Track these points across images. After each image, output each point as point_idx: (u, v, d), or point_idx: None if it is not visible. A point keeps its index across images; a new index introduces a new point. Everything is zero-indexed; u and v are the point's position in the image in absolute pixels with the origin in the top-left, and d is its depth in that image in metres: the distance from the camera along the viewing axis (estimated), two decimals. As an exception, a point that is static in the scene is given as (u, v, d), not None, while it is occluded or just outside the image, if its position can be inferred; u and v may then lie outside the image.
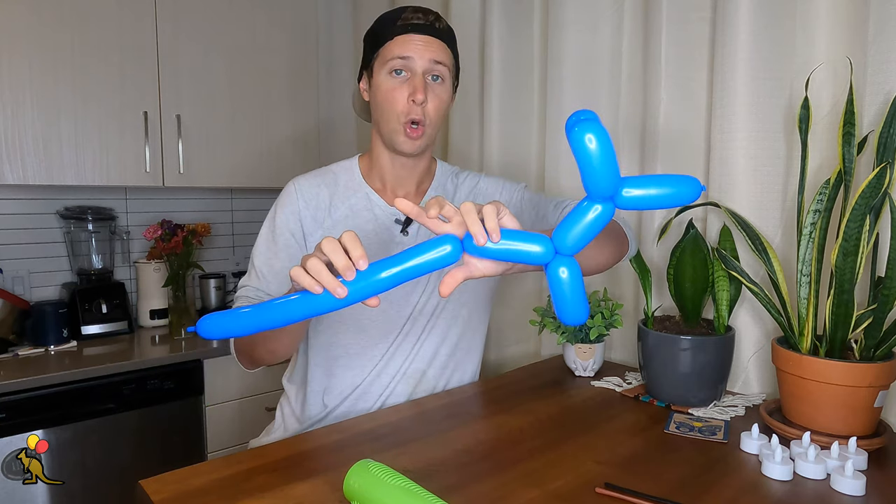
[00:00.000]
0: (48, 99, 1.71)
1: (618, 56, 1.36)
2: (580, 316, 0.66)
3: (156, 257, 2.05)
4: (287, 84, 2.18)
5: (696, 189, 0.62)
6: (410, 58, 0.95)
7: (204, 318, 0.65)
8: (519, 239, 0.63)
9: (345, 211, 1.05)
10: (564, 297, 0.64)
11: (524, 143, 1.59)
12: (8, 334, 1.77)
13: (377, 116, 1.01)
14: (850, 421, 0.85)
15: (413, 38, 0.96)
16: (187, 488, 0.73)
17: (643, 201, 0.62)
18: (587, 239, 0.63)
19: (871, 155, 0.90)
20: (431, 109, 0.97)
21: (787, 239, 1.10)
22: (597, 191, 0.60)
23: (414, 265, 0.63)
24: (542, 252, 0.63)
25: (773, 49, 1.08)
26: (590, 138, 0.57)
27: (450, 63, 0.99)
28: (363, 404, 1.06)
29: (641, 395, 1.08)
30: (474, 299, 1.11)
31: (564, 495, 0.72)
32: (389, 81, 0.97)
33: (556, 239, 0.63)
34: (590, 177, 0.60)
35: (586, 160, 0.58)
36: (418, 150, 1.00)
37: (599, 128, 0.58)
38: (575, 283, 0.64)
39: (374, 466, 0.67)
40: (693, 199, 0.62)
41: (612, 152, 0.58)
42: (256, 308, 0.65)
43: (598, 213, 0.62)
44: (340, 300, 0.63)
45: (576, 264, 0.64)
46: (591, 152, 0.58)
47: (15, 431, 1.50)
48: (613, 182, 0.60)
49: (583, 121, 0.58)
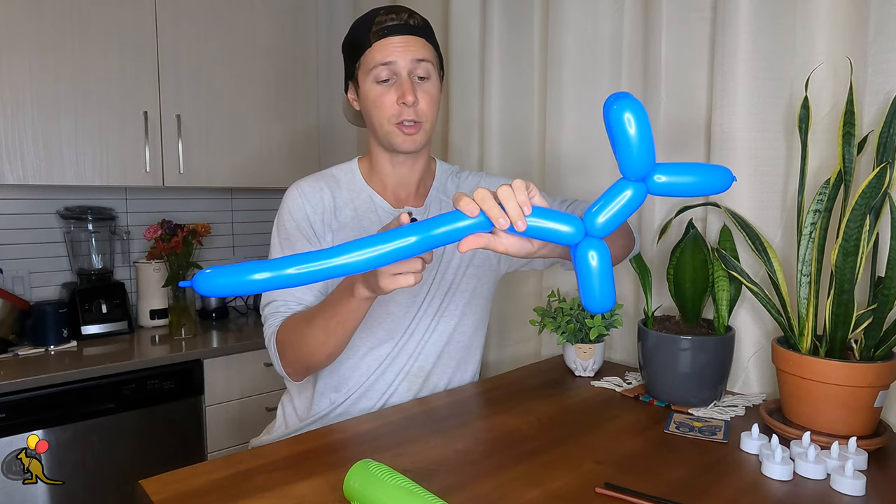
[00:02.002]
0: (48, 99, 1.71)
1: (618, 56, 1.36)
2: (607, 302, 0.64)
3: (156, 257, 2.05)
4: (287, 84, 2.18)
5: (728, 179, 0.62)
6: (393, 62, 0.95)
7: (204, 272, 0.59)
8: (549, 217, 0.63)
9: (349, 213, 1.05)
10: (592, 281, 0.63)
11: (524, 144, 1.59)
12: (8, 334, 1.77)
13: (371, 122, 1.01)
14: (850, 421, 0.85)
15: (391, 41, 0.95)
16: (187, 488, 0.73)
17: (675, 188, 0.62)
18: (619, 221, 0.63)
19: (871, 155, 0.90)
20: (425, 106, 0.98)
21: (787, 239, 1.10)
22: (633, 170, 0.61)
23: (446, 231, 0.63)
24: (572, 232, 0.62)
25: (773, 49, 1.08)
26: (629, 117, 0.58)
27: (432, 57, 0.99)
28: (366, 402, 1.06)
29: (641, 395, 1.08)
30: (476, 299, 1.11)
31: (564, 495, 0.72)
32: (376, 89, 0.97)
33: (588, 219, 0.63)
34: (627, 155, 0.60)
35: (623, 137, 0.59)
36: (418, 147, 1.00)
37: (638, 105, 0.59)
38: (604, 266, 0.63)
39: (374, 466, 0.67)
40: (724, 189, 0.63)
41: (649, 130, 0.59)
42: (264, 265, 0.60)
43: (632, 195, 0.62)
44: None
45: (605, 247, 0.63)
46: (630, 129, 0.58)
47: (15, 431, 1.50)
48: (651, 160, 0.60)
49: (622, 98, 0.59)
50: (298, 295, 0.99)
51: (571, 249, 0.64)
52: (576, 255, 0.64)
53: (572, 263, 0.66)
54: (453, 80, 1.74)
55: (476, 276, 1.10)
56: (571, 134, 1.44)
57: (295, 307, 0.99)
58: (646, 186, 0.62)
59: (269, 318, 0.99)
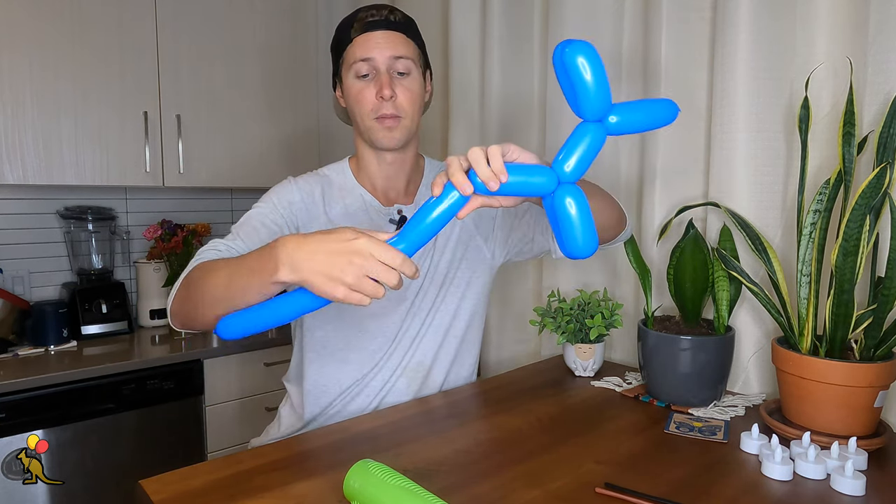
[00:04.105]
0: (48, 99, 1.71)
1: (618, 56, 1.36)
2: (590, 245, 0.66)
3: (156, 257, 2.05)
4: (287, 84, 2.18)
5: (674, 110, 0.68)
6: (372, 58, 0.96)
7: (224, 320, 0.69)
8: (522, 173, 0.66)
9: (340, 210, 1.05)
10: (573, 228, 0.65)
11: (524, 145, 1.58)
12: (8, 334, 1.77)
13: (354, 119, 1.03)
14: (850, 421, 0.85)
15: (371, 36, 0.96)
16: (187, 488, 0.73)
17: (629, 125, 0.66)
18: (586, 163, 0.66)
19: (871, 155, 0.90)
20: (404, 102, 0.98)
21: (787, 239, 1.10)
22: (592, 112, 0.63)
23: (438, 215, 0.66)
24: (545, 181, 0.65)
25: (773, 49, 1.08)
26: (583, 61, 0.60)
27: (413, 54, 0.99)
28: (363, 399, 1.06)
29: (641, 395, 1.08)
30: (471, 293, 1.11)
31: (564, 495, 0.72)
32: (357, 85, 0.98)
33: (557, 167, 0.66)
34: (584, 98, 0.62)
35: (581, 81, 0.61)
36: (398, 144, 1.00)
37: (590, 48, 0.61)
38: (583, 210, 0.65)
39: (374, 466, 0.67)
40: (671, 121, 0.68)
41: (604, 72, 0.62)
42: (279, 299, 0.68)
43: (592, 136, 0.65)
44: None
45: (581, 192, 0.66)
46: (586, 74, 0.61)
47: (15, 431, 1.50)
48: (608, 100, 0.63)
49: (574, 43, 0.61)
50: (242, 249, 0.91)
51: (547, 201, 0.67)
52: (554, 205, 0.66)
53: (548, 213, 0.69)
54: (453, 80, 1.74)
55: (470, 270, 1.11)
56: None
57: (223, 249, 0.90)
58: (604, 127, 0.65)
59: (205, 252, 0.89)
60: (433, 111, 1.82)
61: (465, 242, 1.10)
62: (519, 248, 1.14)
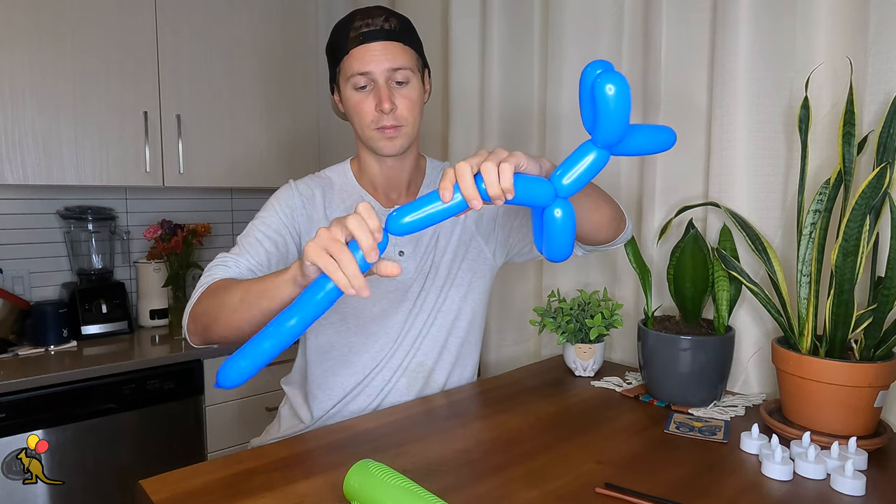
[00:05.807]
0: (48, 99, 1.71)
1: (618, 56, 1.36)
2: (564, 254, 0.71)
3: (156, 257, 2.05)
4: (287, 84, 2.18)
5: (672, 137, 0.71)
6: (369, 71, 0.95)
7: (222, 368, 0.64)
8: (525, 187, 0.67)
9: (341, 212, 1.05)
10: (557, 237, 0.69)
11: (524, 146, 1.59)
12: (8, 334, 1.77)
13: (353, 127, 1.02)
14: (850, 421, 0.85)
15: (368, 48, 0.95)
16: (187, 488, 0.73)
17: (632, 150, 0.69)
18: (583, 182, 0.68)
19: (871, 155, 0.90)
20: (404, 110, 0.97)
21: (787, 239, 1.10)
22: (605, 139, 0.65)
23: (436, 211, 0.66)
24: (543, 195, 0.68)
25: (773, 49, 1.08)
26: (613, 90, 0.61)
27: (411, 62, 0.98)
28: (364, 399, 1.06)
29: (641, 395, 1.08)
30: (473, 294, 1.11)
31: (564, 495, 0.72)
32: (355, 96, 0.97)
33: (555, 180, 0.68)
34: (603, 125, 0.63)
35: (604, 108, 0.62)
36: (399, 150, 1.00)
37: (622, 80, 0.61)
38: (569, 223, 0.69)
39: (374, 466, 0.67)
40: (670, 147, 0.71)
41: (629, 107, 0.63)
42: (267, 330, 0.64)
43: (596, 158, 0.67)
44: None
45: (571, 207, 0.69)
46: (611, 104, 0.61)
47: (15, 431, 1.50)
48: (624, 132, 0.64)
49: (608, 72, 0.62)
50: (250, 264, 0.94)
51: (537, 209, 0.70)
52: (544, 214, 0.69)
53: (534, 215, 0.72)
54: (453, 80, 1.74)
55: (471, 271, 1.11)
56: (572, 137, 1.44)
57: (245, 273, 0.93)
58: (610, 152, 0.67)
59: (214, 268, 0.92)
60: (433, 112, 1.82)
61: (465, 243, 1.10)
62: (518, 248, 1.14)
